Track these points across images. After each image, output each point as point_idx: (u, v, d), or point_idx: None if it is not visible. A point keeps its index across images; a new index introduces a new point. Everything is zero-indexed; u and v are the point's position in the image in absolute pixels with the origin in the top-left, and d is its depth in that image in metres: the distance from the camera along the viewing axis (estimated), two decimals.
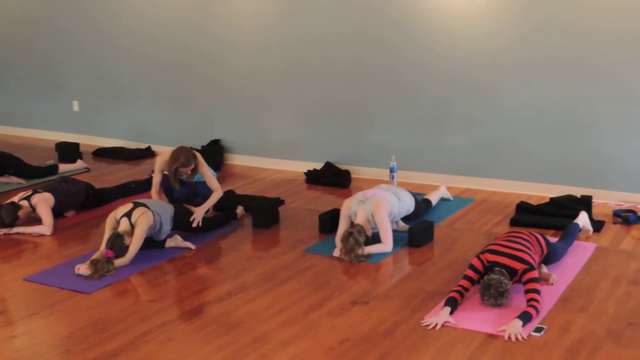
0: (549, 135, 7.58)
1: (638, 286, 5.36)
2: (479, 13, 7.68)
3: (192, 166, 6.89)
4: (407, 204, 6.63)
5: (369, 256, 6.07)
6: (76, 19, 10.68)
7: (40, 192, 7.15)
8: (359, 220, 6.24)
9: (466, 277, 5.17)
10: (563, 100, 7.44)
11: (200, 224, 6.74)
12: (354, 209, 6.34)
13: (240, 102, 9.46)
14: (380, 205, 6.25)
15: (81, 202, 7.53)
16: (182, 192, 7.14)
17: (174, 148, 7.00)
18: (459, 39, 7.83)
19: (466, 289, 5.12)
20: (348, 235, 6.05)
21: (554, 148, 7.58)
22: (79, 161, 9.42)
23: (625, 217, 6.76)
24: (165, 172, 7.09)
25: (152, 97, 10.22)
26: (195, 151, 7.00)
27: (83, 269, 5.86)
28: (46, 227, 6.92)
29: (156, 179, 7.13)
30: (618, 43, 7.08)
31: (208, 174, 7.07)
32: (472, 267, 5.20)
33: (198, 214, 6.79)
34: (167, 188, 7.24)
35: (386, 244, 6.19)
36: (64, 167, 9.15)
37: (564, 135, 7.51)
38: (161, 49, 9.94)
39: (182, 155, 6.83)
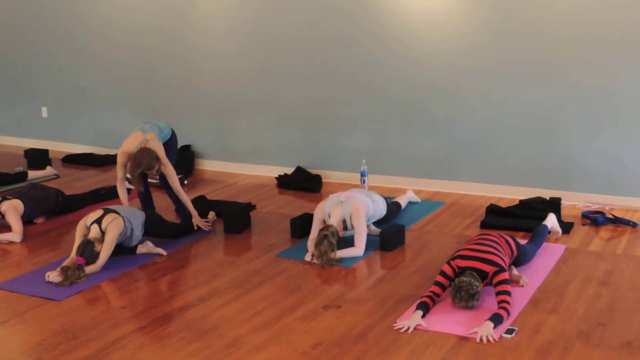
0: (517, 138, 7.64)
1: (607, 287, 5.42)
2: (446, 18, 7.73)
3: (156, 168, 6.78)
4: (380, 208, 6.66)
5: (341, 260, 6.08)
6: (45, 26, 10.61)
7: (9, 199, 7.09)
8: (333, 221, 6.23)
9: (437, 283, 5.19)
10: (530, 104, 7.51)
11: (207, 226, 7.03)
12: (328, 210, 6.34)
13: (210, 107, 9.45)
14: (360, 207, 6.27)
15: (51, 209, 7.48)
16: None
17: (134, 144, 6.85)
18: (427, 43, 7.87)
19: (437, 295, 5.14)
20: (322, 237, 6.04)
21: (523, 151, 7.64)
22: (48, 168, 9.35)
23: (593, 219, 6.83)
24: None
25: (121, 103, 10.18)
26: (156, 151, 6.80)
27: (53, 276, 5.82)
28: (16, 234, 6.86)
29: (120, 174, 6.97)
30: (583, 47, 7.16)
31: (172, 174, 6.95)
32: (442, 273, 5.22)
33: (197, 220, 6.97)
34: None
35: (358, 248, 6.20)
36: (33, 174, 9.08)
37: (532, 138, 7.57)
38: (130, 55, 9.91)
39: (144, 160, 6.67)
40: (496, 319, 4.77)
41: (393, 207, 7.08)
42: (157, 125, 7.15)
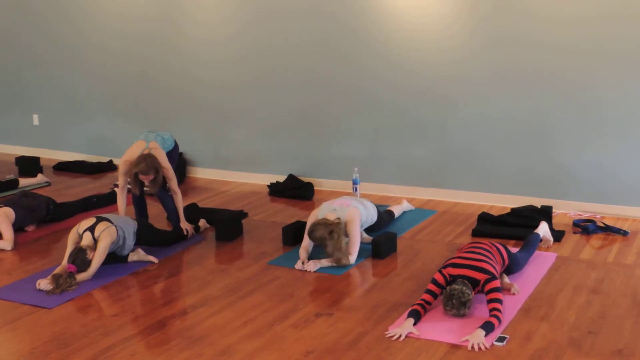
0: (509, 146, 7.66)
1: (598, 295, 5.43)
2: (439, 27, 7.75)
3: (151, 177, 6.72)
4: (371, 214, 6.67)
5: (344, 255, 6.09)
6: (37, 33, 10.60)
7: (0, 206, 7.07)
8: None
9: (428, 291, 5.19)
10: (523, 113, 7.53)
11: (189, 231, 6.99)
12: (321, 216, 6.33)
13: (202, 115, 9.45)
14: (355, 215, 6.27)
15: (42, 217, 7.46)
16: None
17: (136, 152, 6.84)
18: (420, 51, 7.89)
19: (428, 303, 5.14)
20: (329, 233, 6.01)
21: (515, 159, 7.66)
22: (39, 175, 9.33)
23: (584, 227, 6.85)
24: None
25: (113, 111, 10.17)
26: (159, 161, 6.78)
27: (44, 283, 5.80)
28: (7, 242, 6.85)
29: (121, 182, 6.96)
30: (576, 57, 7.19)
31: (172, 176, 6.93)
32: (434, 281, 5.22)
33: (185, 224, 6.97)
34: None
35: (351, 255, 6.19)
36: (24, 182, 9.05)
37: (524, 147, 7.59)
38: (122, 62, 9.90)
39: (143, 163, 6.65)
40: (488, 327, 4.77)
41: (385, 215, 7.09)
42: (160, 135, 7.16)
